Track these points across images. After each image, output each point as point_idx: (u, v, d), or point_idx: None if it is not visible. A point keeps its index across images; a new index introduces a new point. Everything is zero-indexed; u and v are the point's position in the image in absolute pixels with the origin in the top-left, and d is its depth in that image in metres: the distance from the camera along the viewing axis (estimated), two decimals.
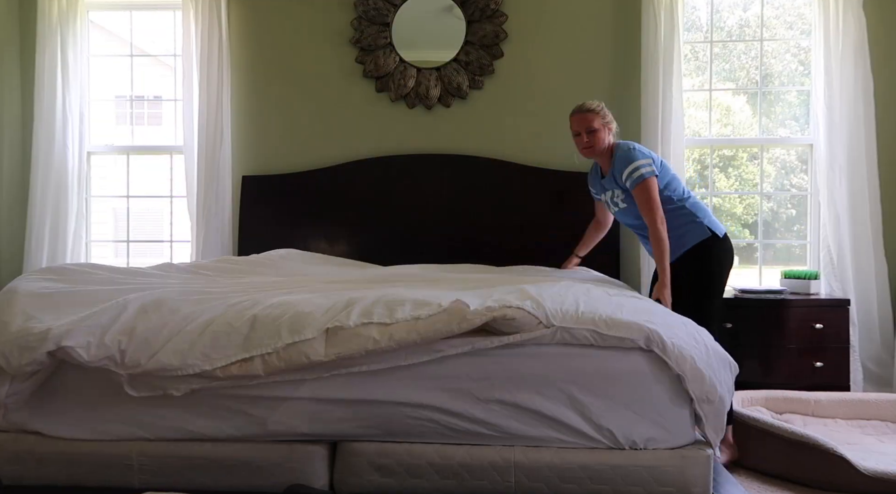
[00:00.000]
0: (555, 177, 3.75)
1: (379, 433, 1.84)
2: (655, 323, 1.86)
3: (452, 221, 3.75)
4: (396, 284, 2.40)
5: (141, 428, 1.86)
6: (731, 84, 4.21)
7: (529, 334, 1.82)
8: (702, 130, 4.03)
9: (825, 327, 3.30)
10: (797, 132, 3.99)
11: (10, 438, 1.90)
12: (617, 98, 3.82)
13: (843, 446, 2.39)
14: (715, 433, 1.85)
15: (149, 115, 5.71)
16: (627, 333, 1.81)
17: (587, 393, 1.81)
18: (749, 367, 3.30)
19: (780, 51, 4.04)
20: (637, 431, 1.82)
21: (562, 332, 1.83)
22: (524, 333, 1.82)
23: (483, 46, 3.79)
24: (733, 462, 2.48)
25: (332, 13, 3.89)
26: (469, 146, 3.82)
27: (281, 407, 1.81)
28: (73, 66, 3.87)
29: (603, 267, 3.46)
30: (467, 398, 1.81)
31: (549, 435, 1.82)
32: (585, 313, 1.86)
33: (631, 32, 3.77)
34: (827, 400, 2.88)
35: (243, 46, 3.94)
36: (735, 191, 4.29)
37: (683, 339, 1.85)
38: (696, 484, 1.79)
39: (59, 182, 3.83)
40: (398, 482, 1.82)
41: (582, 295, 2.04)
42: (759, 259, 3.93)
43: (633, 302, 2.09)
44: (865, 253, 3.50)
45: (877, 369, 3.49)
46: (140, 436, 1.87)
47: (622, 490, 1.79)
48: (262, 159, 3.92)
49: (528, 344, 1.84)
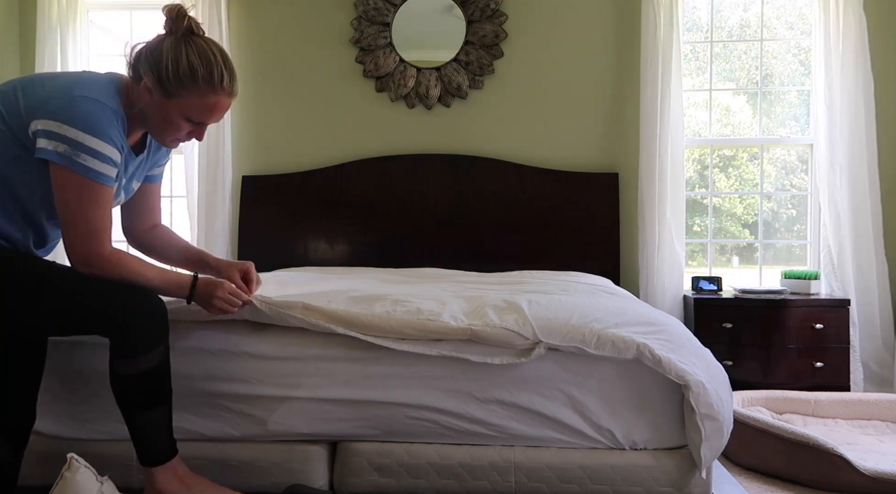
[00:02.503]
0: (555, 176, 3.75)
1: (379, 433, 1.84)
2: (648, 337, 1.78)
3: (452, 221, 3.75)
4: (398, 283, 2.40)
5: None
6: (731, 84, 4.21)
7: (510, 359, 1.78)
8: (702, 130, 4.03)
9: (825, 327, 3.30)
10: (797, 132, 3.99)
11: None
12: (617, 98, 3.82)
13: (843, 446, 2.39)
14: (711, 453, 1.75)
15: None
16: (614, 352, 1.76)
17: (587, 393, 1.81)
18: (749, 367, 3.30)
19: (781, 51, 4.04)
20: (637, 431, 1.81)
21: (549, 349, 1.78)
22: (504, 356, 1.79)
23: (483, 46, 3.79)
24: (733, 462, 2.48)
25: (332, 13, 3.89)
26: (469, 146, 3.82)
27: (281, 407, 1.81)
28: (73, 66, 3.87)
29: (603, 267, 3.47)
30: (467, 398, 1.81)
31: (549, 435, 1.81)
32: (576, 327, 1.80)
33: (631, 32, 3.77)
34: (827, 400, 2.87)
35: (243, 46, 3.94)
36: (735, 191, 4.29)
37: (681, 354, 1.78)
38: (697, 485, 1.79)
39: None
40: (398, 482, 1.82)
41: (579, 306, 1.97)
42: (760, 259, 3.93)
43: (635, 311, 2.00)
44: (866, 252, 3.50)
45: (878, 369, 3.49)
46: None
47: (622, 490, 1.79)
48: (262, 159, 3.92)
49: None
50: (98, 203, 1.56)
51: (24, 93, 1.56)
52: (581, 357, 1.80)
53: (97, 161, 1.52)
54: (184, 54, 1.58)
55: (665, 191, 3.61)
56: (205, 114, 1.64)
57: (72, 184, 1.52)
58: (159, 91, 1.60)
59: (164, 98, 1.60)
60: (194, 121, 1.65)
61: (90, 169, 1.52)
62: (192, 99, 1.61)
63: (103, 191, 1.56)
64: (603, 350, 1.77)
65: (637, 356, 1.76)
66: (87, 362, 1.86)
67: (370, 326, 1.80)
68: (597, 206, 3.72)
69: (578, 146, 3.83)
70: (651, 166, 3.62)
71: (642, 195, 3.65)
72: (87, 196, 1.54)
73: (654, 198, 3.61)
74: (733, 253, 4.54)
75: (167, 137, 1.69)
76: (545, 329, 1.80)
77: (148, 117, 1.65)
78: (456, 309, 1.92)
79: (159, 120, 1.64)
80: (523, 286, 2.64)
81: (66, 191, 1.53)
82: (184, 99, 1.60)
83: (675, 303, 3.59)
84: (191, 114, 1.63)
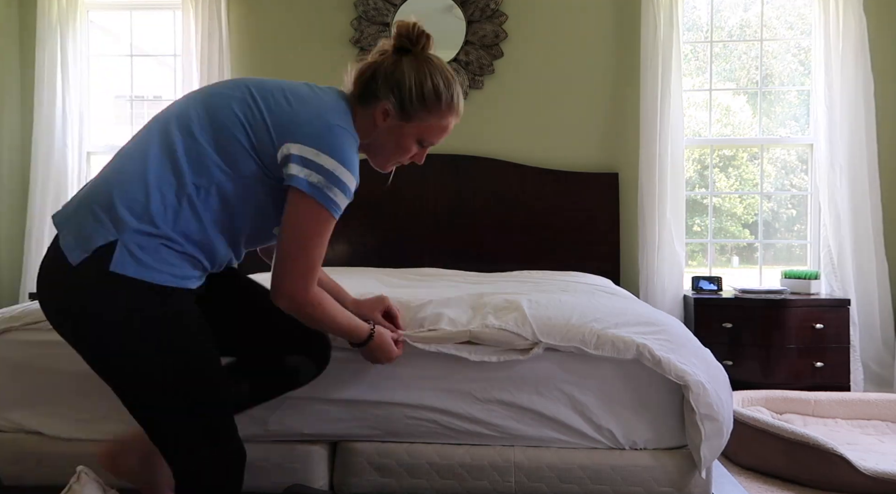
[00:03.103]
0: (555, 176, 3.75)
1: (379, 433, 1.84)
2: (648, 337, 1.78)
3: (452, 221, 3.75)
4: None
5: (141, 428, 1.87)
6: (731, 84, 4.21)
7: (507, 356, 1.79)
8: (702, 130, 4.03)
9: (825, 327, 3.30)
10: (797, 132, 3.99)
11: (9, 438, 1.90)
12: (617, 98, 3.82)
13: (843, 446, 2.38)
14: (710, 453, 1.74)
15: (149, 115, 5.69)
16: (613, 352, 1.76)
17: (587, 393, 1.81)
18: (749, 367, 3.30)
19: (781, 51, 4.04)
20: (637, 431, 1.81)
21: (547, 349, 1.79)
22: (502, 353, 1.79)
23: (483, 46, 3.79)
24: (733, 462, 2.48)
25: (332, 13, 3.89)
26: (469, 146, 3.82)
27: (281, 407, 1.81)
28: (73, 66, 3.87)
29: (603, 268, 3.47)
30: (467, 398, 1.81)
31: (549, 435, 1.81)
32: (576, 327, 1.81)
33: (631, 32, 3.77)
34: (827, 400, 2.87)
35: (243, 46, 3.94)
36: (735, 191, 4.29)
37: (681, 355, 1.77)
38: (696, 485, 1.79)
39: (59, 182, 3.83)
40: (398, 482, 1.82)
41: (579, 306, 1.98)
42: (760, 259, 3.93)
43: (635, 311, 2.00)
44: (866, 252, 3.50)
45: (878, 369, 3.49)
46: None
47: (622, 490, 1.79)
48: None
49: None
50: (324, 239, 1.44)
51: (266, 105, 1.42)
52: (581, 357, 1.80)
53: (344, 197, 1.42)
54: (428, 76, 1.49)
55: (665, 191, 3.61)
56: (437, 135, 1.55)
57: (313, 217, 1.40)
58: (398, 114, 1.50)
59: (402, 121, 1.51)
60: (423, 144, 1.57)
61: (336, 205, 1.41)
62: (430, 121, 1.52)
63: (332, 227, 1.44)
64: (602, 350, 1.77)
65: (636, 356, 1.76)
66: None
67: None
68: (597, 206, 3.72)
69: (578, 146, 3.83)
70: (651, 166, 3.62)
71: (642, 195, 3.65)
72: (321, 231, 1.42)
73: (654, 198, 3.61)
74: (733, 253, 4.54)
75: (391, 162, 1.59)
76: (545, 329, 1.80)
77: (378, 141, 1.54)
78: (456, 311, 1.92)
79: (392, 144, 1.54)
80: (523, 286, 2.64)
81: (302, 223, 1.40)
82: (423, 122, 1.51)
83: (675, 303, 3.59)
84: (424, 137, 1.54)
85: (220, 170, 1.38)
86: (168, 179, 1.35)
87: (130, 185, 1.33)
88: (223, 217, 1.41)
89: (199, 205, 1.37)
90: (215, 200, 1.38)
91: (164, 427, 1.39)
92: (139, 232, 1.31)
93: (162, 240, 1.33)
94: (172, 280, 1.34)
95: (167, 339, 1.34)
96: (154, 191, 1.33)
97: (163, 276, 1.32)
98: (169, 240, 1.33)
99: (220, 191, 1.39)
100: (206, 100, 1.45)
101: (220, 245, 1.43)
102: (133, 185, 1.33)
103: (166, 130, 1.40)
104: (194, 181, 1.36)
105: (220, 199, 1.39)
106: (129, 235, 1.30)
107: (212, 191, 1.38)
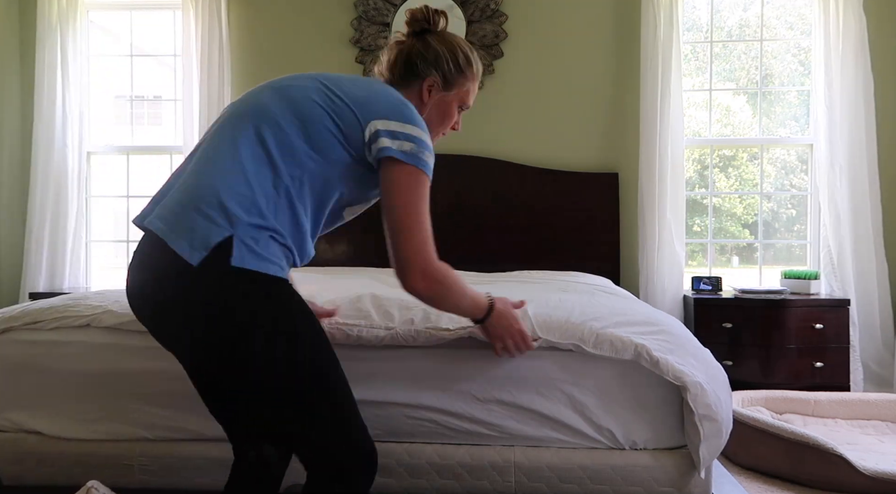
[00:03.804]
0: (555, 176, 3.75)
1: (379, 433, 1.84)
2: (647, 337, 1.78)
3: (452, 221, 3.75)
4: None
5: (141, 428, 1.86)
6: (731, 84, 4.21)
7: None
8: (702, 130, 4.03)
9: (825, 327, 3.30)
10: (797, 132, 3.99)
11: (9, 438, 1.90)
12: (617, 98, 3.82)
13: (843, 446, 2.39)
14: (709, 454, 1.74)
15: (149, 115, 5.71)
16: (612, 352, 1.76)
17: (587, 393, 1.80)
18: (749, 367, 3.30)
19: (781, 51, 4.04)
20: (637, 431, 1.81)
21: (547, 348, 1.79)
22: None
23: (483, 46, 3.79)
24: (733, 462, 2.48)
25: (332, 13, 3.89)
26: (469, 146, 3.82)
27: None
28: (73, 66, 3.87)
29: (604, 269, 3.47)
30: (467, 398, 1.81)
31: (549, 435, 1.81)
32: (575, 325, 1.81)
33: (630, 32, 3.77)
34: (827, 400, 2.87)
35: (243, 46, 3.94)
36: (735, 191, 4.29)
37: (679, 355, 1.77)
38: (696, 485, 1.79)
39: (59, 182, 3.83)
40: (398, 482, 1.82)
41: (579, 305, 1.98)
42: (759, 259, 3.93)
43: (635, 311, 2.00)
44: (866, 252, 3.50)
45: (878, 369, 3.49)
46: (140, 436, 1.86)
47: (622, 490, 1.79)
48: None
49: None
50: (428, 204, 1.45)
51: (342, 90, 1.46)
52: (581, 357, 1.80)
53: (432, 157, 1.48)
54: (456, 47, 1.63)
55: (665, 191, 3.61)
56: (471, 97, 1.69)
57: (414, 181, 1.42)
58: (441, 86, 1.62)
59: (446, 91, 1.63)
60: (462, 108, 1.69)
61: (430, 167, 1.46)
62: (467, 84, 1.65)
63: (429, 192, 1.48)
64: (601, 349, 1.77)
65: (635, 357, 1.75)
66: (87, 362, 1.86)
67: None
68: (597, 206, 3.72)
69: (578, 146, 3.83)
70: (651, 166, 3.62)
71: (642, 195, 3.66)
72: (424, 195, 1.45)
73: (654, 198, 3.61)
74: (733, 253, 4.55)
75: (438, 133, 1.69)
76: (544, 325, 1.80)
77: (426, 117, 1.62)
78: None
79: (439, 115, 1.65)
80: (523, 286, 2.64)
81: (408, 193, 1.42)
82: (462, 87, 1.64)
83: (674, 303, 3.59)
84: (464, 100, 1.67)
85: (310, 159, 1.40)
86: (265, 173, 1.36)
87: (233, 181, 1.33)
88: (313, 206, 1.44)
89: (294, 195, 1.38)
90: (308, 190, 1.41)
91: (304, 418, 1.37)
92: (251, 225, 1.31)
93: (270, 233, 1.34)
94: (281, 272, 1.35)
95: (298, 328, 1.37)
96: (256, 185, 1.34)
97: (275, 268, 1.33)
98: (275, 233, 1.34)
99: (311, 180, 1.41)
100: (282, 93, 1.46)
101: (308, 237, 1.45)
102: (235, 180, 1.33)
103: (250, 126, 1.41)
104: (290, 172, 1.38)
105: (311, 189, 1.41)
106: (243, 229, 1.30)
107: (304, 180, 1.40)
